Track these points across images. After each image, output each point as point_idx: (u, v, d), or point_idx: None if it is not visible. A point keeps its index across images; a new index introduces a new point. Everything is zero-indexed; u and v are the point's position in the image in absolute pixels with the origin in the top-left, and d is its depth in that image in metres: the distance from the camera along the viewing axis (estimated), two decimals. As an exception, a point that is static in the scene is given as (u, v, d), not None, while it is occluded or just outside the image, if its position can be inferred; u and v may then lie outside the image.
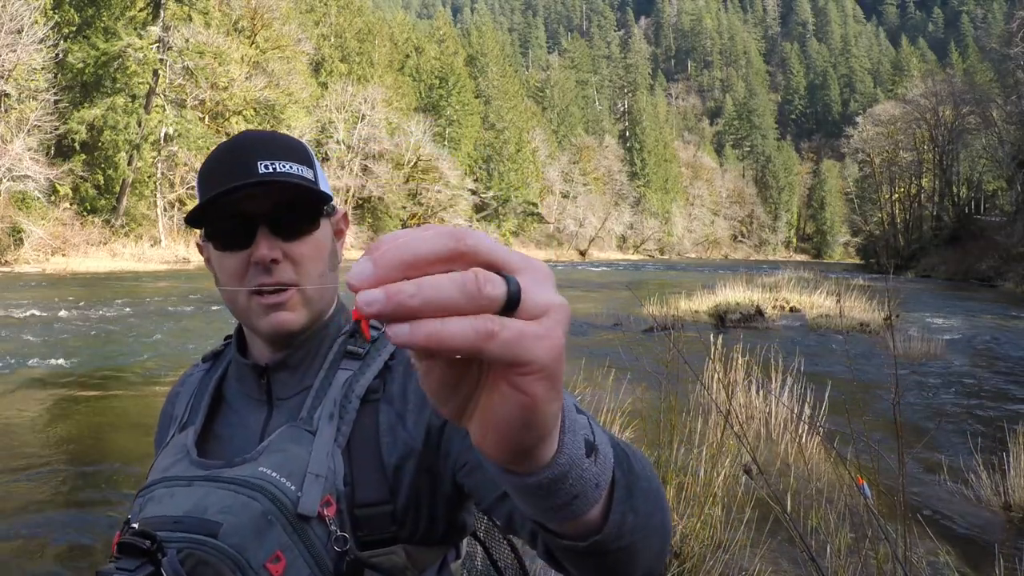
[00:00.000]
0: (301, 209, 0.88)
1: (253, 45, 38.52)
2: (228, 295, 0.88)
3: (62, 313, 12.29)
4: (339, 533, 0.76)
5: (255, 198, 0.85)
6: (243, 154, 0.86)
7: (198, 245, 0.94)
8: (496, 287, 0.36)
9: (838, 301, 14.59)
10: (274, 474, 0.77)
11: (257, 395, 0.91)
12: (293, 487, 0.77)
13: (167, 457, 0.88)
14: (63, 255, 25.19)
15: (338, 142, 43.18)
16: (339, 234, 0.96)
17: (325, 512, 0.77)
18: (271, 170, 0.84)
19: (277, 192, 0.85)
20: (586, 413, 0.55)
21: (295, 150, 0.90)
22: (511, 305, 0.37)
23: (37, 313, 12.17)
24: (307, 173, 0.88)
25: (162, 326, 11.37)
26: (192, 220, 0.87)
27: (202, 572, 0.72)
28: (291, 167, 0.87)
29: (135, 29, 29.43)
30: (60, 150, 28.87)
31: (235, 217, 0.86)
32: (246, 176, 0.83)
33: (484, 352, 0.35)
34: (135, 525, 0.76)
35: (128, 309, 13.35)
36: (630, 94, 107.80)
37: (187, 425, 0.92)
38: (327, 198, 0.90)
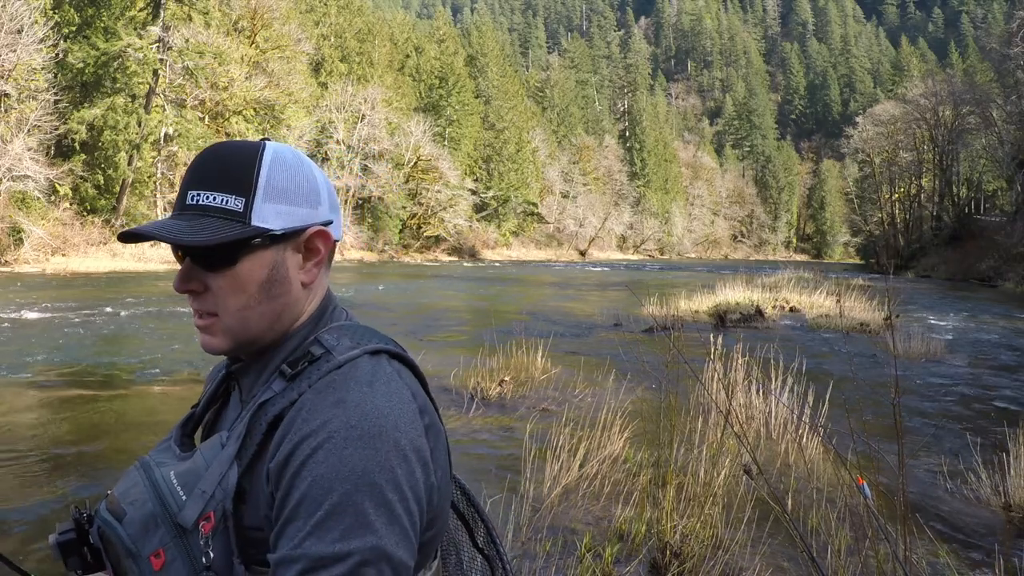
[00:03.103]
0: (213, 248, 0.86)
1: (253, 45, 38.52)
2: None
3: (62, 313, 12.29)
4: (206, 549, 0.81)
5: None
6: (186, 180, 0.89)
7: None
8: None
9: (838, 301, 14.59)
10: (175, 481, 0.85)
11: (237, 395, 0.97)
12: (184, 497, 0.83)
13: (166, 437, 0.97)
14: (63, 255, 25.19)
15: (338, 142, 43.18)
16: (310, 252, 0.93)
17: (202, 527, 0.81)
18: (194, 202, 0.87)
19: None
20: None
21: (231, 176, 0.87)
22: None
23: (37, 313, 12.17)
24: (233, 203, 0.86)
25: (162, 326, 11.37)
26: (122, 239, 0.91)
27: (110, 549, 0.86)
28: (213, 199, 0.86)
29: (135, 29, 29.41)
30: (60, 150, 28.87)
31: (175, 245, 0.89)
32: (180, 206, 0.88)
33: None
34: (108, 492, 0.90)
35: (128, 309, 13.35)
36: (630, 94, 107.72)
37: (195, 408, 1.01)
38: (237, 241, 0.86)
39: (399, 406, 0.82)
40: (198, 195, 0.87)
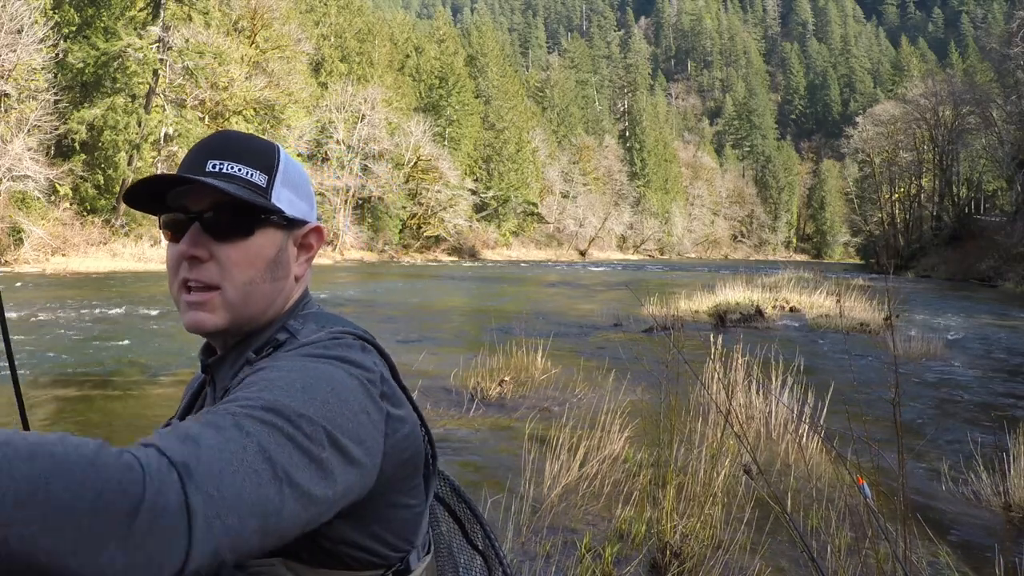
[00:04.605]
0: (236, 214, 0.86)
1: (253, 45, 38.52)
2: (168, 285, 0.91)
3: (62, 313, 12.29)
4: None
5: (196, 195, 0.86)
6: (202, 151, 0.87)
7: None
8: None
9: (838, 301, 14.58)
10: None
11: (212, 391, 0.96)
12: None
13: None
14: (63, 255, 25.20)
15: (338, 142, 43.18)
16: (304, 248, 0.95)
17: None
18: (216, 170, 0.85)
19: (214, 192, 0.85)
20: None
21: (254, 154, 0.88)
22: None
23: (37, 313, 12.16)
24: (258, 179, 0.87)
25: (161, 326, 11.37)
26: (128, 200, 0.89)
27: None
28: (239, 169, 0.86)
29: (135, 29, 29.44)
30: (60, 150, 28.88)
31: (178, 211, 0.88)
32: (195, 172, 0.86)
33: None
34: None
35: (128, 309, 13.35)
36: (630, 94, 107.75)
37: (174, 418, 1.00)
38: (264, 209, 0.87)
39: (350, 368, 0.79)
40: (221, 164, 0.86)
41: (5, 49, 25.17)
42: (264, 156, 0.89)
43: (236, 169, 0.86)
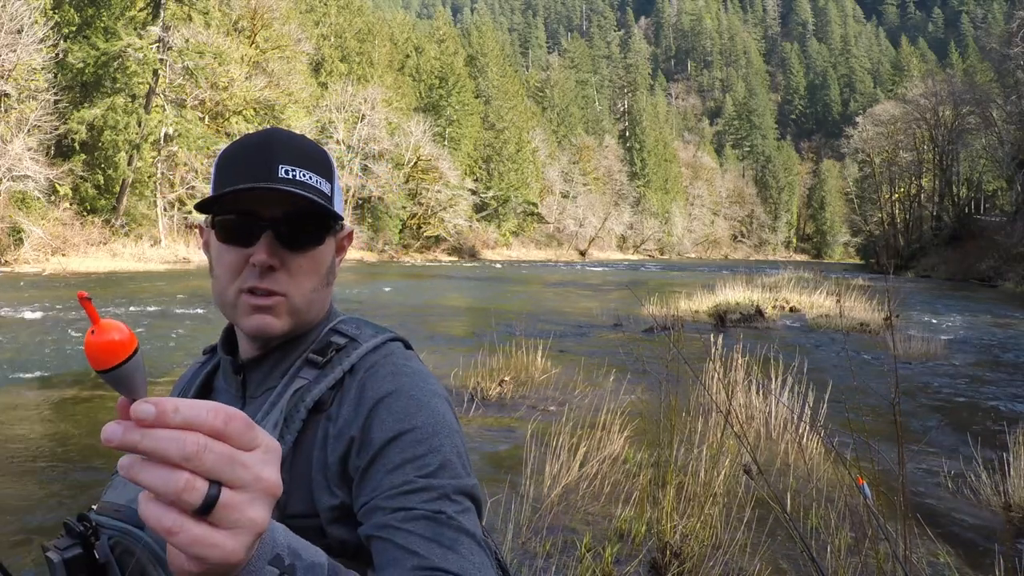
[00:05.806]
0: (311, 223, 0.87)
1: (253, 45, 38.52)
2: (218, 287, 0.89)
3: (62, 313, 12.29)
4: None
5: (268, 201, 0.85)
6: (267, 152, 0.85)
7: (200, 227, 0.95)
8: (192, 496, 0.43)
9: (838, 301, 14.59)
10: None
11: (235, 391, 0.94)
12: None
13: None
14: (63, 255, 25.18)
15: (338, 142, 43.16)
16: (340, 251, 0.97)
17: None
18: (291, 177, 0.84)
19: (291, 201, 0.85)
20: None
21: (318, 161, 0.89)
22: (204, 510, 0.43)
23: (37, 313, 12.16)
24: (325, 187, 0.88)
25: (161, 326, 11.37)
26: (202, 207, 0.87)
27: (127, 561, 0.77)
28: (311, 177, 0.86)
29: (135, 29, 29.42)
30: (60, 150, 28.86)
31: (245, 214, 0.86)
32: (266, 176, 0.83)
33: (165, 538, 0.43)
34: (93, 507, 0.83)
35: (128, 309, 13.35)
36: (630, 94, 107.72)
37: None
38: (337, 217, 0.89)
39: (432, 376, 0.91)
40: (294, 171, 0.85)
41: (5, 49, 25.16)
42: (325, 163, 0.90)
43: (308, 177, 0.86)
